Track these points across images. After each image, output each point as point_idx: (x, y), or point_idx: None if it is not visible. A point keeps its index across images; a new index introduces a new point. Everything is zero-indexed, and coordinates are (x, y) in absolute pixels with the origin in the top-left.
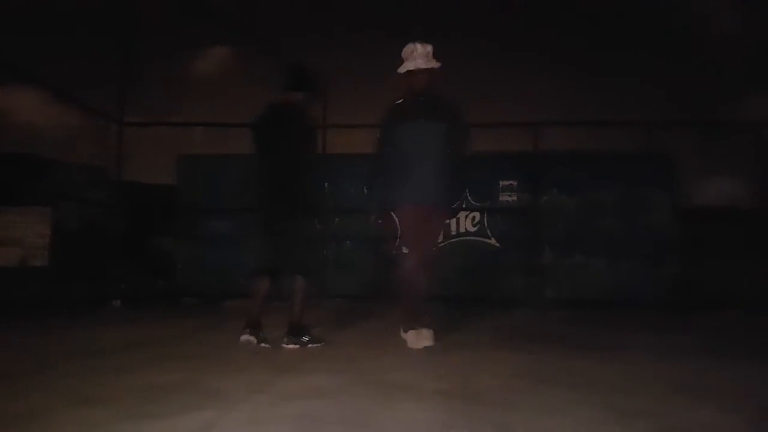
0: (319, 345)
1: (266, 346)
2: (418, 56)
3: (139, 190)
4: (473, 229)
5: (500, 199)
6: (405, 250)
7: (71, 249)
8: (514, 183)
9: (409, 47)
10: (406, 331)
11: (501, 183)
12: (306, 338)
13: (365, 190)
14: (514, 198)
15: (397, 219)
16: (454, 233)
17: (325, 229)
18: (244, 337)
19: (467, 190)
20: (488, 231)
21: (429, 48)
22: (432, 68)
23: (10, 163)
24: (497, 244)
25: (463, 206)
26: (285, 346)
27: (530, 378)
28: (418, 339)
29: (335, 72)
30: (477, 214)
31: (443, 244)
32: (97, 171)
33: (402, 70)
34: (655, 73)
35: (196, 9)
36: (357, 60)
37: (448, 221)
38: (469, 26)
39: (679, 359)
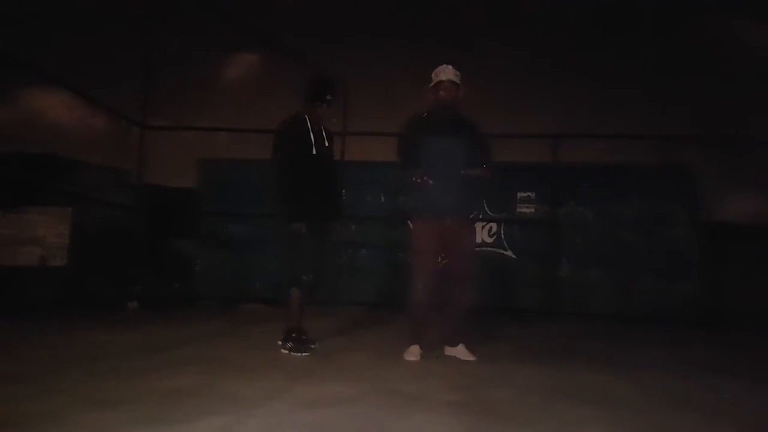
0: (300, 354)
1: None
2: (449, 72)
3: (160, 193)
4: (490, 241)
5: (518, 210)
6: (417, 269)
7: (90, 250)
8: (532, 195)
9: (441, 66)
10: (408, 346)
11: (519, 194)
12: (289, 344)
13: (397, 169)
14: (532, 210)
15: (414, 231)
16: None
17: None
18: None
19: (484, 202)
20: (505, 243)
21: (458, 72)
22: (459, 84)
23: (33, 163)
24: (514, 256)
25: (480, 217)
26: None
27: (545, 392)
28: (412, 353)
29: (357, 80)
30: (494, 226)
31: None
32: (119, 173)
33: (433, 81)
34: (677, 87)
35: (221, 15)
36: (378, 68)
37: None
38: (490, 37)
39: (696, 377)
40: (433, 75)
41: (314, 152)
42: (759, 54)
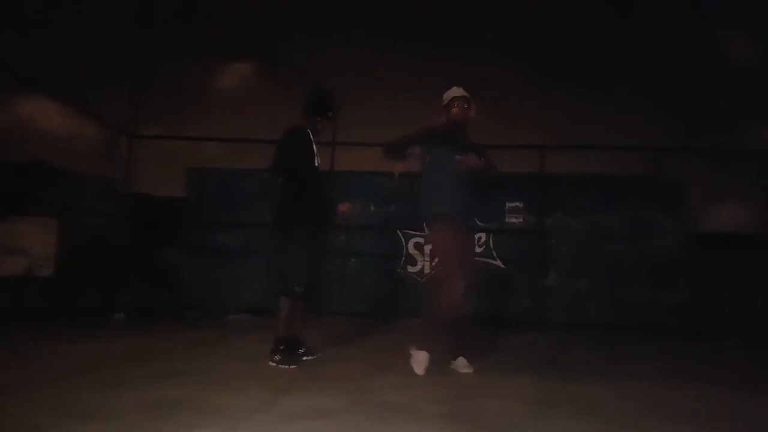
0: (287, 366)
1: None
2: (460, 91)
3: (148, 202)
4: (478, 250)
5: (506, 220)
6: (446, 274)
7: (77, 260)
8: (521, 205)
9: (452, 88)
10: (418, 350)
11: (507, 205)
12: (277, 357)
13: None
14: (520, 220)
15: (435, 235)
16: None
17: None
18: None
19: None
20: (494, 252)
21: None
22: (471, 101)
23: (21, 171)
24: (502, 266)
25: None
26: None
27: (533, 403)
28: (422, 362)
29: (346, 90)
30: (483, 235)
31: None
32: (107, 182)
33: (447, 97)
34: (664, 99)
35: (211, 23)
36: (369, 78)
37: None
38: (477, 46)
39: (685, 387)
40: (444, 96)
41: (316, 164)
42: (746, 65)
